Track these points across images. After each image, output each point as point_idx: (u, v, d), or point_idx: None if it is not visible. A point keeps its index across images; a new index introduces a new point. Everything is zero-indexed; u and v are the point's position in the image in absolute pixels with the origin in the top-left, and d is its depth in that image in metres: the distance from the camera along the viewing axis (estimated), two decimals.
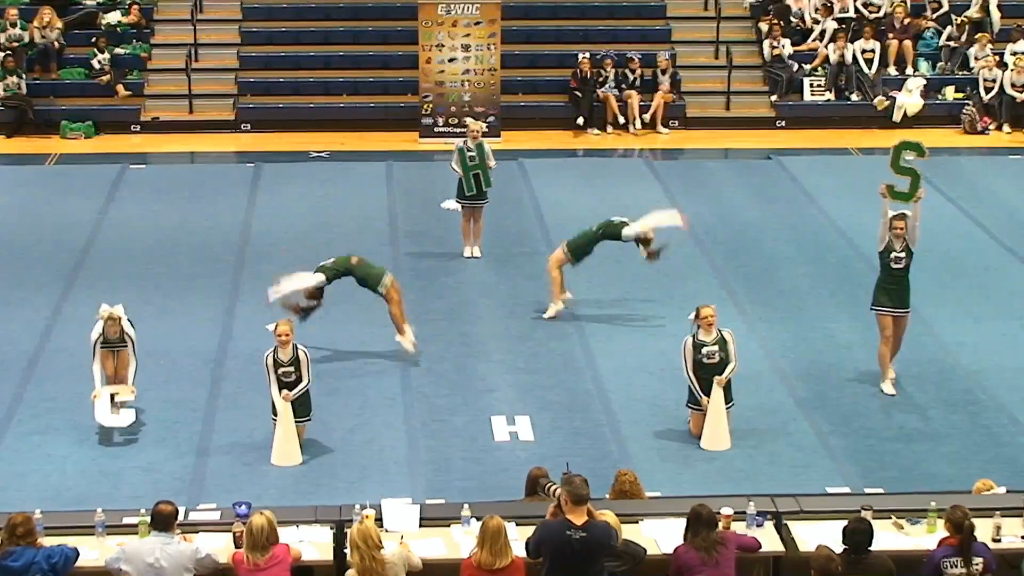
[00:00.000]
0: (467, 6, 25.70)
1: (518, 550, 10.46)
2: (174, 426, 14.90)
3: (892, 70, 27.74)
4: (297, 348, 14.05)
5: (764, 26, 28.02)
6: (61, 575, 10.41)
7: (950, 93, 27.50)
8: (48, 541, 10.59)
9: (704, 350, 14.34)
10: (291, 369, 13.98)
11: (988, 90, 26.97)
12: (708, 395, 14.40)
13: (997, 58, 27.24)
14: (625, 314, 17.84)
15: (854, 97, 27.31)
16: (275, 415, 14.14)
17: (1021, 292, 18.75)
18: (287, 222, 20.55)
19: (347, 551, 10.48)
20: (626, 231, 17.26)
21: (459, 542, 11.04)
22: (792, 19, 28.29)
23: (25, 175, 23.97)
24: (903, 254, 15.46)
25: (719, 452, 14.38)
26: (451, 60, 25.90)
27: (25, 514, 10.51)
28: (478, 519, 10.72)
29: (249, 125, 26.52)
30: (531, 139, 25.89)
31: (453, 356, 16.71)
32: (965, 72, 27.78)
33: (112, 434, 14.62)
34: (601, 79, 26.55)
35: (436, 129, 25.88)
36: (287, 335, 13.99)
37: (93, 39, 27.09)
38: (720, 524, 10.85)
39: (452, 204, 20.13)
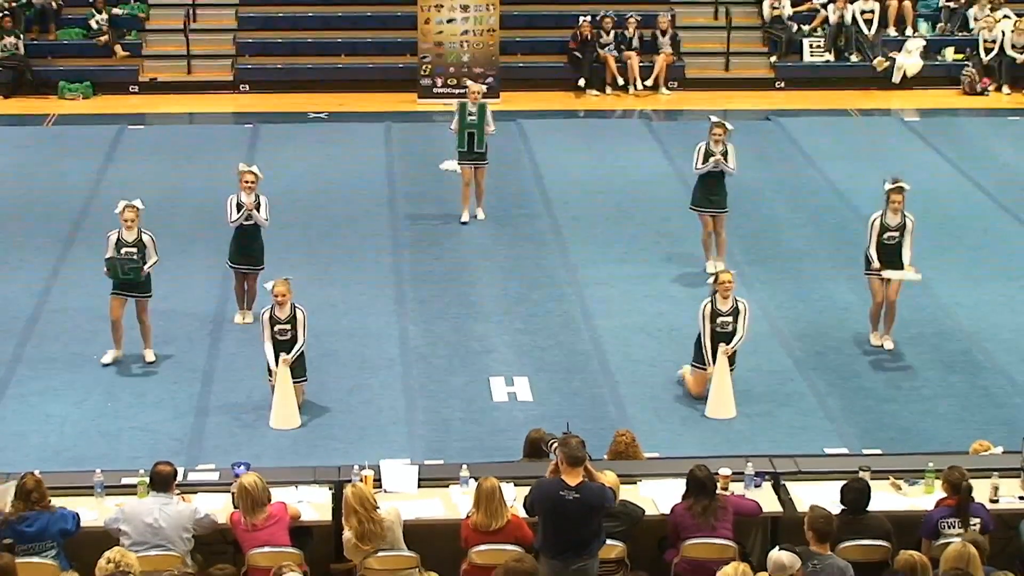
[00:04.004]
0: None
1: (517, 511, 10.49)
2: (172, 387, 14.91)
3: (892, 31, 27.63)
4: (295, 307, 14.06)
5: None
6: (71, 534, 10.47)
7: (950, 54, 27.40)
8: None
9: (719, 319, 14.31)
10: (287, 327, 14.02)
11: (988, 51, 26.87)
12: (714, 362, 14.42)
13: (997, 18, 27.16)
14: (623, 275, 17.82)
15: (853, 58, 27.21)
16: (270, 375, 14.20)
17: (1020, 253, 18.73)
18: (285, 183, 20.48)
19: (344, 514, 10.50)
20: None
21: (457, 503, 11.07)
22: None
23: (23, 136, 23.91)
24: (896, 233, 15.47)
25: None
26: (450, 21, 25.79)
27: (36, 477, 10.46)
28: (476, 479, 10.73)
29: (247, 86, 26.42)
30: (530, 100, 25.79)
31: (451, 317, 16.70)
32: (965, 33, 27.69)
33: (111, 394, 14.66)
34: (601, 40, 26.44)
35: (435, 90, 25.79)
36: (284, 295, 14.01)
37: None
38: (719, 485, 10.88)
39: (451, 165, 20.03)
